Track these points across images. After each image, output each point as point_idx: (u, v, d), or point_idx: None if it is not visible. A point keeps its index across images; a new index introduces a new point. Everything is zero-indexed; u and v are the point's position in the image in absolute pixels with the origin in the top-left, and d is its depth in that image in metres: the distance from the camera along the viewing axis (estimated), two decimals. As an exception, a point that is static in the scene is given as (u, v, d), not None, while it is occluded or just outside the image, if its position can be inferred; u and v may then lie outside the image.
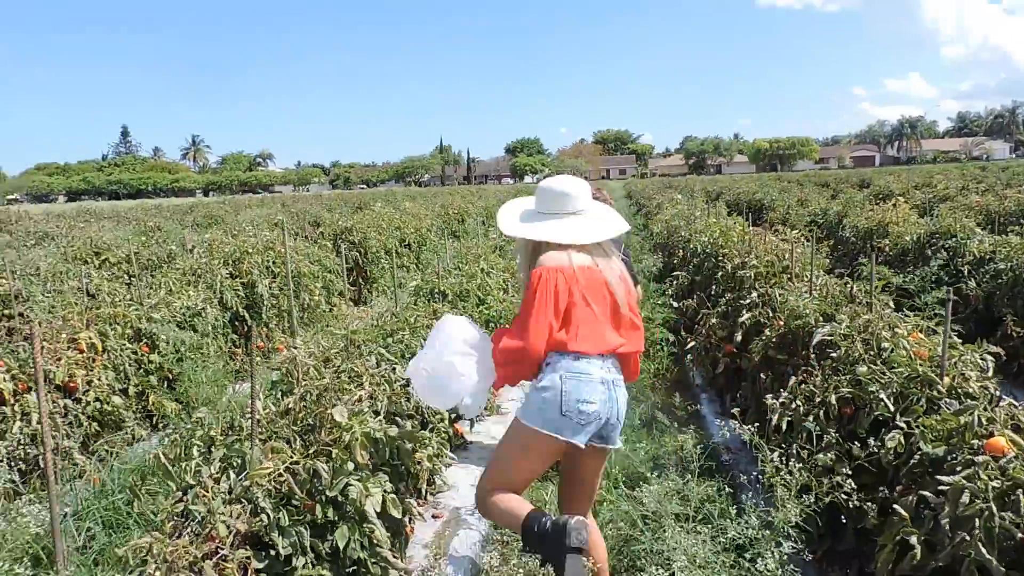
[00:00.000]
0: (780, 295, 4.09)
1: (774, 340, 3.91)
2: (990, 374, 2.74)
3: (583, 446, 2.43)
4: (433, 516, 3.76)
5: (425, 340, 3.93)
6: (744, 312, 4.22)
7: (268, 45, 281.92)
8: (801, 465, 2.62)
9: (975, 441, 2.30)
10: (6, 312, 5.73)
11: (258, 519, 2.24)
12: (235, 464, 2.38)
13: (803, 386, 3.16)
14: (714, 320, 5.10)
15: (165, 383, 5.23)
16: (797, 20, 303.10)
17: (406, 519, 3.05)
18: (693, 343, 5.26)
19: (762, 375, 3.91)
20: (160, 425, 4.96)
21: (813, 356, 3.43)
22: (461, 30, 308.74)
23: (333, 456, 2.44)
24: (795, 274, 4.86)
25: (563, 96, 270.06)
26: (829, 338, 3.23)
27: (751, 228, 6.48)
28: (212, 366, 5.18)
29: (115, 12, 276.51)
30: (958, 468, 2.25)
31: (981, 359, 2.80)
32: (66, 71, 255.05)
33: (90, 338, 4.69)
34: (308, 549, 2.38)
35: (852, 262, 8.87)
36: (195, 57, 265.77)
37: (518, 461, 2.53)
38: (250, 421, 2.46)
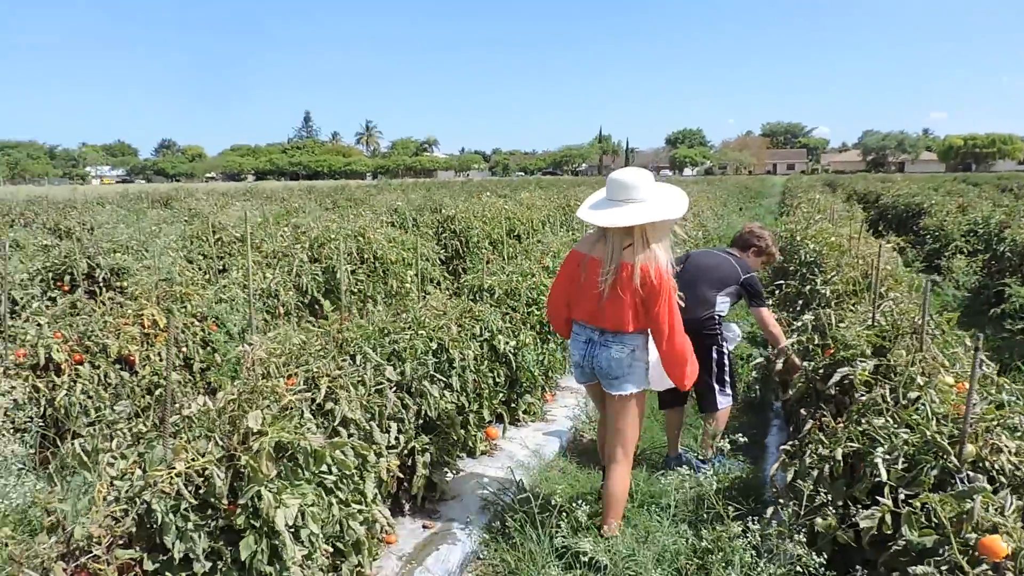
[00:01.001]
0: (836, 318, 3.52)
1: (820, 371, 3.37)
2: (1042, 444, 2.14)
3: (578, 383, 3.52)
4: (423, 526, 3.60)
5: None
6: (793, 335, 3.68)
7: (439, 35, 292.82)
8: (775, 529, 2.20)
9: (972, 535, 1.79)
10: (112, 285, 6.26)
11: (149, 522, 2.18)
12: (149, 461, 2.34)
13: (817, 432, 2.67)
14: (792, 339, 4.54)
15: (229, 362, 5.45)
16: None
17: (361, 529, 2.90)
18: (760, 360, 4.71)
19: (802, 410, 3.39)
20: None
21: (847, 397, 2.90)
22: (625, 20, 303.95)
23: (243, 463, 2.33)
24: (880, 294, 4.19)
25: (732, 86, 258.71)
26: (851, 379, 2.70)
27: (855, 236, 5.69)
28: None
29: (307, 11, 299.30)
30: (943, 567, 1.77)
31: (1033, 424, 2.20)
32: (265, 59, 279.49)
33: (153, 315, 4.96)
34: (211, 555, 2.31)
35: (1002, 280, 7.67)
36: (374, 45, 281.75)
37: None
38: (172, 417, 2.41)
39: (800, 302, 5.40)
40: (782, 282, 7.06)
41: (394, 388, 3.42)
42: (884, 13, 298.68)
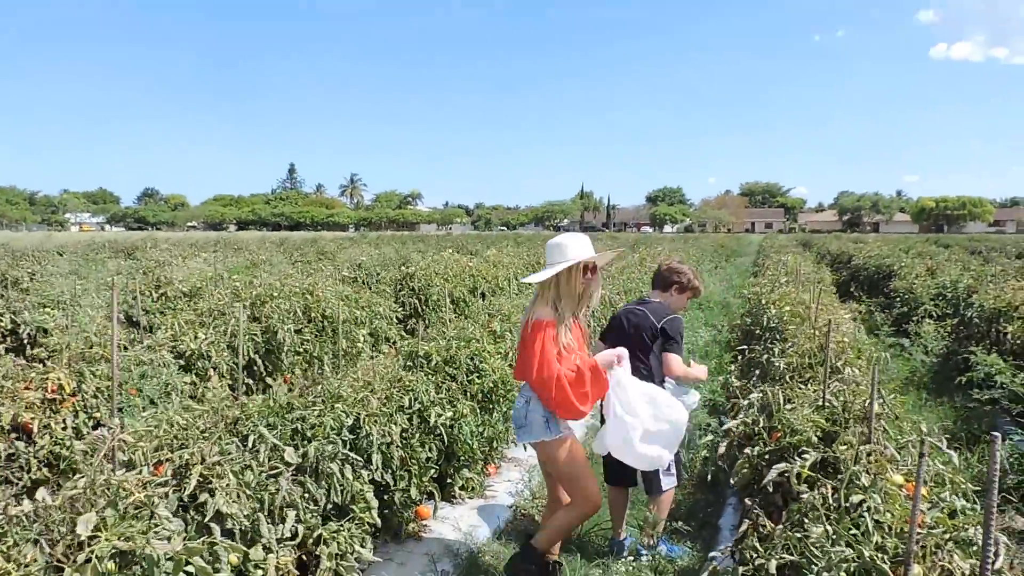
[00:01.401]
0: (785, 397, 3.23)
1: (766, 457, 3.06)
2: (998, 565, 1.84)
3: None
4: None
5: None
6: (740, 414, 3.39)
7: (426, 90, 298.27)
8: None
9: None
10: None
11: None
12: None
13: (745, 541, 2.35)
14: (738, 419, 4.25)
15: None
16: (977, 73, 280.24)
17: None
18: (711, 436, 4.40)
19: (747, 500, 3.06)
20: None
21: (794, 488, 2.59)
22: (610, 79, 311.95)
23: (67, 577, 1.96)
24: (836, 368, 3.92)
25: (714, 146, 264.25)
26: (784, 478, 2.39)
27: (813, 303, 5.45)
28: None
29: (296, 61, 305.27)
30: None
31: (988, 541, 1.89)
32: (250, 110, 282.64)
33: (59, 379, 4.57)
34: None
35: (969, 346, 7.46)
36: (361, 98, 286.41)
37: None
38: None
39: (757, 372, 5.12)
40: (745, 347, 6.80)
41: (294, 472, 3.06)
42: (860, 79, 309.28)
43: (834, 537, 1.97)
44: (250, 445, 2.93)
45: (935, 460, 2.86)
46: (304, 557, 3.36)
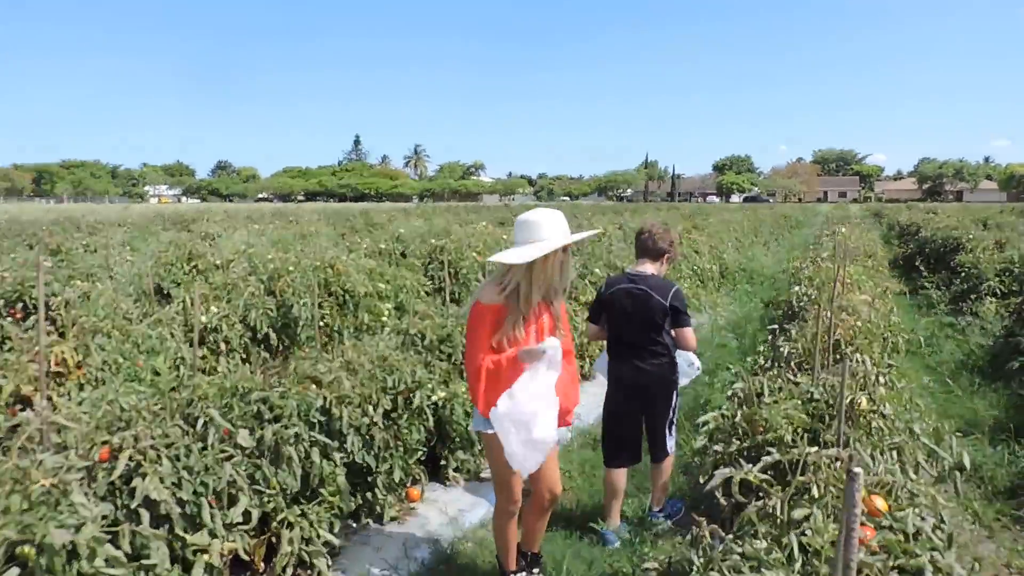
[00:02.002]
0: (769, 391, 2.97)
1: (743, 453, 2.83)
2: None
3: None
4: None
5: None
6: (723, 404, 3.15)
7: (489, 62, 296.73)
8: None
9: None
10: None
11: None
12: None
13: (694, 545, 2.14)
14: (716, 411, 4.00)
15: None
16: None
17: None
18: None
19: (722, 500, 2.84)
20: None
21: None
22: (675, 45, 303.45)
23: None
24: (843, 355, 3.61)
25: (785, 112, 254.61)
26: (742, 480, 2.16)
27: (835, 279, 5.06)
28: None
29: (360, 37, 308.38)
30: None
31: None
32: (317, 83, 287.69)
33: (62, 352, 4.65)
34: None
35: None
36: (424, 71, 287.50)
37: None
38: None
39: (773, 356, 4.81)
40: (776, 328, 6.44)
41: (250, 455, 3.00)
42: (945, 37, 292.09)
43: (757, 559, 1.75)
44: (199, 428, 2.87)
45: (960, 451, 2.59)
46: (274, 540, 3.32)
